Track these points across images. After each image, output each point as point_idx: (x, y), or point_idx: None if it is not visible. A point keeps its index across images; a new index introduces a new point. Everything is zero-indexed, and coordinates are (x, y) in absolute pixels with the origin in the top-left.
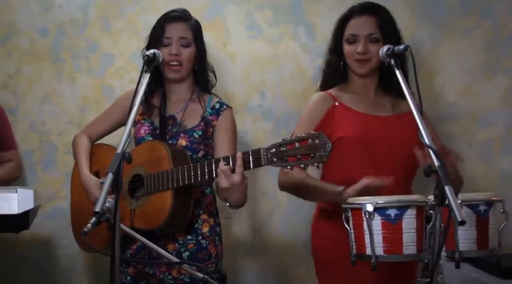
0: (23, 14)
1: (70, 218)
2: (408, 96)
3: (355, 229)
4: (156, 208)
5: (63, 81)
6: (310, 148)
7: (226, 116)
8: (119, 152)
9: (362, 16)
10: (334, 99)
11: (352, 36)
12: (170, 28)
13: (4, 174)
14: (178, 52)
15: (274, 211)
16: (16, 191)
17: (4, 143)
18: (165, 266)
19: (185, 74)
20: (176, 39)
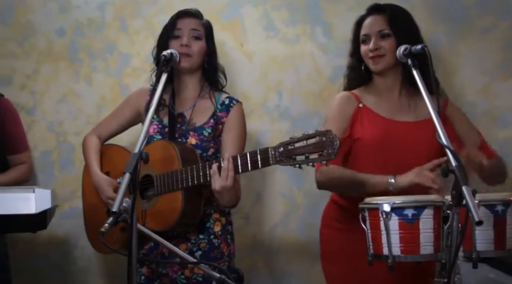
0: (40, 14)
1: (84, 220)
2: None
3: (372, 229)
4: (167, 208)
5: (80, 81)
6: (318, 145)
7: (236, 112)
8: (136, 152)
9: (371, 16)
10: (358, 100)
11: (365, 36)
12: (181, 21)
13: (17, 176)
14: (188, 43)
15: (290, 211)
16: (33, 191)
17: (17, 145)
18: (178, 265)
19: (195, 65)
20: (187, 31)
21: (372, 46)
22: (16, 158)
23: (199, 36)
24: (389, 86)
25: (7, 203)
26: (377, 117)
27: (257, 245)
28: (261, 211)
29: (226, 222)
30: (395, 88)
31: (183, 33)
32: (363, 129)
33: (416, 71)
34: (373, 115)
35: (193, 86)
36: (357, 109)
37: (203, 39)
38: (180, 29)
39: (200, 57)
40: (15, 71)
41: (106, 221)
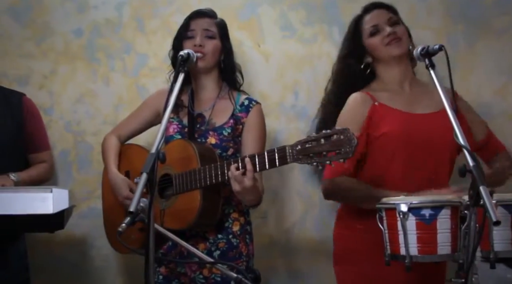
0: (58, 14)
1: (103, 220)
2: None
3: (389, 229)
4: (186, 208)
5: (98, 81)
6: (336, 144)
7: (255, 113)
8: (153, 152)
9: (374, 10)
10: (373, 99)
11: (373, 27)
12: (194, 22)
13: (38, 174)
14: (202, 43)
15: (308, 210)
16: (51, 191)
17: (39, 144)
18: (197, 265)
19: (210, 64)
20: (200, 31)
21: (390, 29)
22: (37, 156)
23: (213, 35)
24: (398, 79)
25: (25, 203)
26: (395, 111)
27: (274, 244)
28: (278, 211)
29: (245, 222)
30: (405, 80)
31: (196, 33)
32: (383, 125)
33: (433, 71)
34: (391, 111)
35: (211, 86)
36: (373, 108)
37: (217, 38)
38: (193, 29)
39: (215, 56)
40: (32, 71)
41: (123, 221)
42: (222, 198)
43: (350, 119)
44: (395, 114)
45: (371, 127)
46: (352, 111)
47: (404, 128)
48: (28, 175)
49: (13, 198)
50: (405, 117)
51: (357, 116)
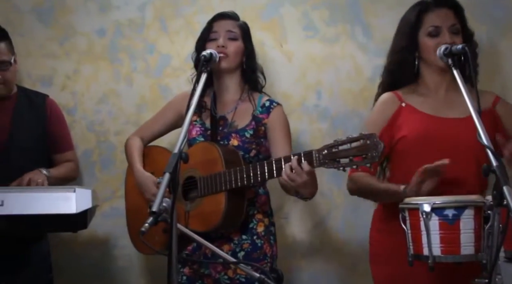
0: (81, 15)
1: (126, 221)
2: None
3: (412, 229)
4: (210, 210)
5: (121, 81)
6: (362, 149)
7: (277, 113)
8: (176, 152)
9: (442, 8)
10: (401, 100)
11: (435, 29)
12: (217, 24)
13: (66, 172)
14: (225, 44)
15: (331, 211)
16: (74, 191)
17: (63, 144)
18: (221, 266)
19: (233, 65)
20: (223, 33)
21: (448, 39)
22: (61, 156)
23: (235, 37)
24: (438, 83)
25: (48, 202)
26: (420, 114)
27: (297, 245)
28: (301, 211)
29: (269, 223)
30: (443, 85)
31: (219, 35)
32: (406, 127)
33: (456, 70)
34: (416, 113)
35: (233, 88)
36: (399, 109)
37: (240, 39)
38: (216, 31)
39: (238, 57)
40: (55, 71)
41: (146, 221)
42: (246, 200)
43: (372, 121)
44: (419, 117)
45: (394, 129)
46: (378, 113)
47: (424, 131)
48: (58, 172)
49: (36, 197)
50: (428, 120)
51: (383, 117)
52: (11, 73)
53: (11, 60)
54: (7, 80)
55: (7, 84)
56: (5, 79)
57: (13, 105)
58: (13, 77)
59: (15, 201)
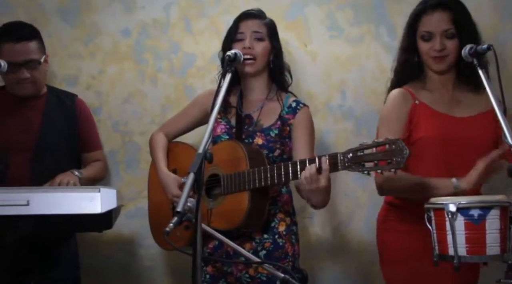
0: (105, 15)
1: (148, 217)
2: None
3: (437, 229)
4: (233, 209)
5: (146, 81)
6: (387, 153)
7: (303, 114)
8: (201, 152)
9: (435, 11)
10: (413, 97)
11: (427, 33)
12: (244, 24)
13: (96, 173)
14: (251, 45)
15: (354, 211)
16: (99, 191)
17: (92, 144)
18: (243, 264)
19: (259, 68)
20: (249, 33)
21: (439, 46)
22: (90, 156)
23: (262, 37)
24: (443, 82)
25: (73, 202)
26: (434, 113)
27: (321, 245)
28: (324, 211)
29: (291, 222)
30: (448, 83)
31: (246, 35)
32: (422, 127)
33: (482, 71)
34: (430, 112)
35: (260, 88)
36: (413, 107)
37: (266, 39)
38: (243, 32)
39: (265, 58)
40: (81, 71)
41: (171, 221)
42: (269, 199)
43: (395, 118)
44: (434, 115)
45: (411, 128)
46: (395, 109)
47: (441, 131)
48: (89, 173)
49: (61, 197)
50: (443, 120)
51: (401, 115)
52: (40, 72)
53: (41, 59)
54: (36, 79)
55: (36, 83)
56: (34, 78)
57: (43, 104)
58: (43, 76)
59: (41, 201)
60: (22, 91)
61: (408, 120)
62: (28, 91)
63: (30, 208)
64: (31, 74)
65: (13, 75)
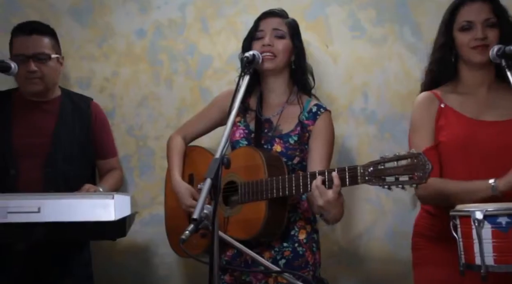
0: (119, 15)
1: (165, 223)
2: None
3: (463, 237)
4: (250, 218)
5: (161, 84)
6: (409, 168)
7: (323, 121)
8: (218, 157)
9: (475, 2)
10: (440, 100)
11: (467, 23)
12: (264, 22)
13: (116, 183)
14: (271, 42)
15: (378, 218)
16: (112, 197)
17: (107, 150)
18: (262, 273)
19: (279, 65)
20: (269, 31)
21: (480, 34)
22: (106, 163)
23: (282, 35)
24: (479, 82)
25: (86, 209)
26: (460, 117)
27: (343, 253)
28: (347, 218)
29: (312, 230)
30: (484, 84)
31: (265, 33)
32: (445, 131)
33: (510, 72)
34: (455, 116)
35: (280, 89)
36: (439, 110)
37: (287, 37)
38: (262, 30)
39: (285, 56)
40: (94, 73)
41: (187, 228)
42: (288, 206)
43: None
44: (458, 121)
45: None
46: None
47: (464, 137)
48: (109, 186)
49: (74, 204)
50: (468, 125)
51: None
52: (50, 68)
53: (51, 55)
54: (44, 75)
55: (44, 80)
56: (42, 73)
57: (57, 108)
58: (52, 73)
59: (52, 208)
60: (31, 87)
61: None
62: (37, 87)
63: (42, 215)
64: (39, 68)
65: (21, 69)
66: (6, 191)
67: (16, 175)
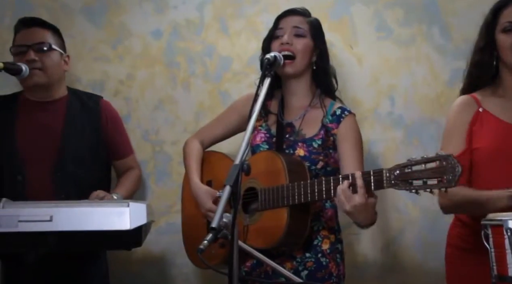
0: (135, 15)
1: (182, 232)
2: None
3: (495, 248)
4: (271, 226)
5: (178, 87)
6: (438, 171)
7: (348, 123)
8: (237, 163)
9: None
10: (478, 104)
11: (510, 24)
12: (284, 20)
13: (134, 185)
14: (290, 41)
15: (406, 227)
16: (128, 205)
17: (123, 149)
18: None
19: (300, 68)
20: (289, 29)
21: None
22: (122, 163)
23: (303, 33)
24: None
25: (100, 218)
26: (498, 122)
27: (368, 264)
28: (373, 228)
29: (336, 240)
30: None
31: (285, 31)
32: (482, 137)
33: None
34: (494, 121)
35: (302, 93)
36: (476, 114)
37: (308, 36)
38: (282, 28)
39: (305, 57)
40: (108, 76)
41: (205, 238)
42: (311, 215)
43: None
44: (496, 127)
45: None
46: (458, 119)
47: (501, 143)
48: (126, 190)
49: (87, 213)
50: (506, 131)
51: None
52: (51, 60)
53: (52, 45)
54: (45, 66)
55: (46, 72)
56: (42, 63)
57: (64, 108)
58: (55, 67)
59: (65, 217)
60: (32, 80)
61: (468, 130)
62: (38, 79)
63: (53, 224)
64: (39, 58)
65: (21, 59)
66: (14, 199)
67: (24, 181)
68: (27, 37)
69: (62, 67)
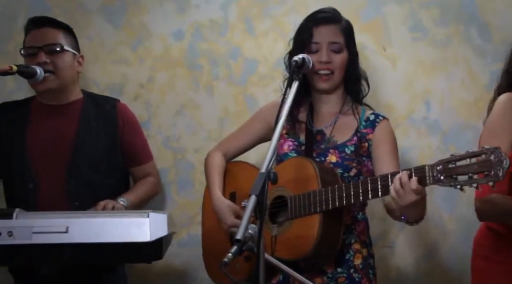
0: (156, 15)
1: (202, 246)
2: None
3: None
4: (301, 235)
5: (200, 91)
6: (484, 165)
7: (383, 127)
8: (264, 171)
9: None
10: None
11: None
12: (318, 31)
13: (146, 193)
14: (329, 59)
15: (440, 240)
16: (148, 216)
17: (141, 155)
18: None
19: (336, 83)
20: (326, 45)
21: None
22: (140, 170)
23: (340, 48)
24: None
25: (118, 229)
26: None
27: (402, 279)
28: (406, 240)
29: (368, 254)
30: None
31: (321, 46)
32: None
33: None
34: None
35: (333, 100)
36: None
37: (344, 49)
38: (318, 42)
39: (342, 71)
40: (127, 79)
41: (230, 250)
42: (343, 225)
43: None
44: None
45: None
46: (503, 119)
47: None
48: (136, 196)
49: (105, 224)
50: None
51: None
52: (64, 62)
53: (64, 46)
54: (58, 69)
55: (59, 75)
56: (54, 65)
57: (78, 111)
58: (68, 69)
59: (81, 228)
60: (43, 85)
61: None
62: (50, 84)
63: (69, 235)
64: (51, 60)
65: (32, 62)
66: (25, 207)
67: (36, 189)
68: (37, 38)
69: (75, 69)
